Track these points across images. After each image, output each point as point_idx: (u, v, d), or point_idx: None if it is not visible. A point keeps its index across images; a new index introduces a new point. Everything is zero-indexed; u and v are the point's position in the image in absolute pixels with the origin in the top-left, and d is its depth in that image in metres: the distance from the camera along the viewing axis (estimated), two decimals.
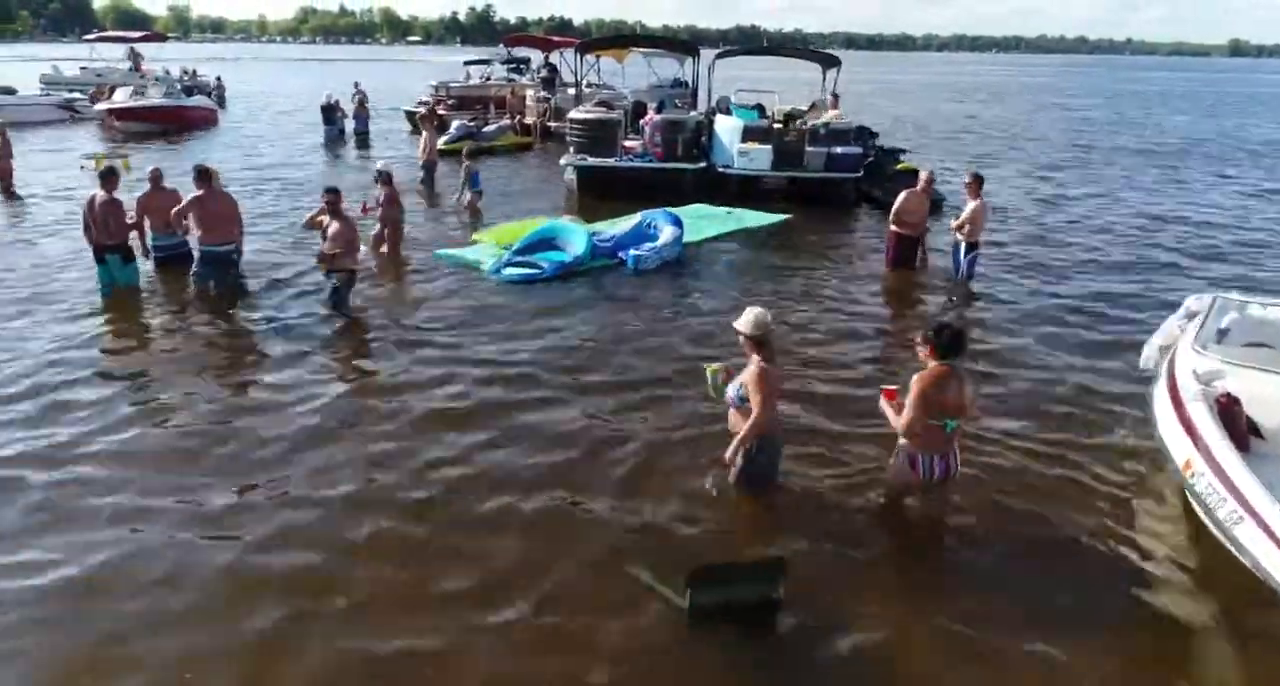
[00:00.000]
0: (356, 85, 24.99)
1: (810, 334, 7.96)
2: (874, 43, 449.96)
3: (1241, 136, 27.97)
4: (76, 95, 25.48)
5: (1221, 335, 5.06)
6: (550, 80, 23.36)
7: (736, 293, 9.17)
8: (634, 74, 25.43)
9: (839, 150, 13.72)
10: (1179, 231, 12.81)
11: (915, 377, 4.43)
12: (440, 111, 23.42)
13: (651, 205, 12.78)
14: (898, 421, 4.46)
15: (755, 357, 4.63)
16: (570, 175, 14.27)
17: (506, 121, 20.73)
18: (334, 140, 20.94)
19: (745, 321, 4.65)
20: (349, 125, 21.45)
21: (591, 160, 13.99)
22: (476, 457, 5.49)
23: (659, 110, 16.30)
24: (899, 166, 14.19)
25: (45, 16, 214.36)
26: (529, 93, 23.09)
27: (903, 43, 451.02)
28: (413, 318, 8.12)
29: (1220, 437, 3.91)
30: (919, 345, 4.51)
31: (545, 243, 9.94)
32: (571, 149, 14.47)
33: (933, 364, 4.42)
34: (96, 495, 4.95)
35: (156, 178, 9.02)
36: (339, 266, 7.70)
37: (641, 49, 24.25)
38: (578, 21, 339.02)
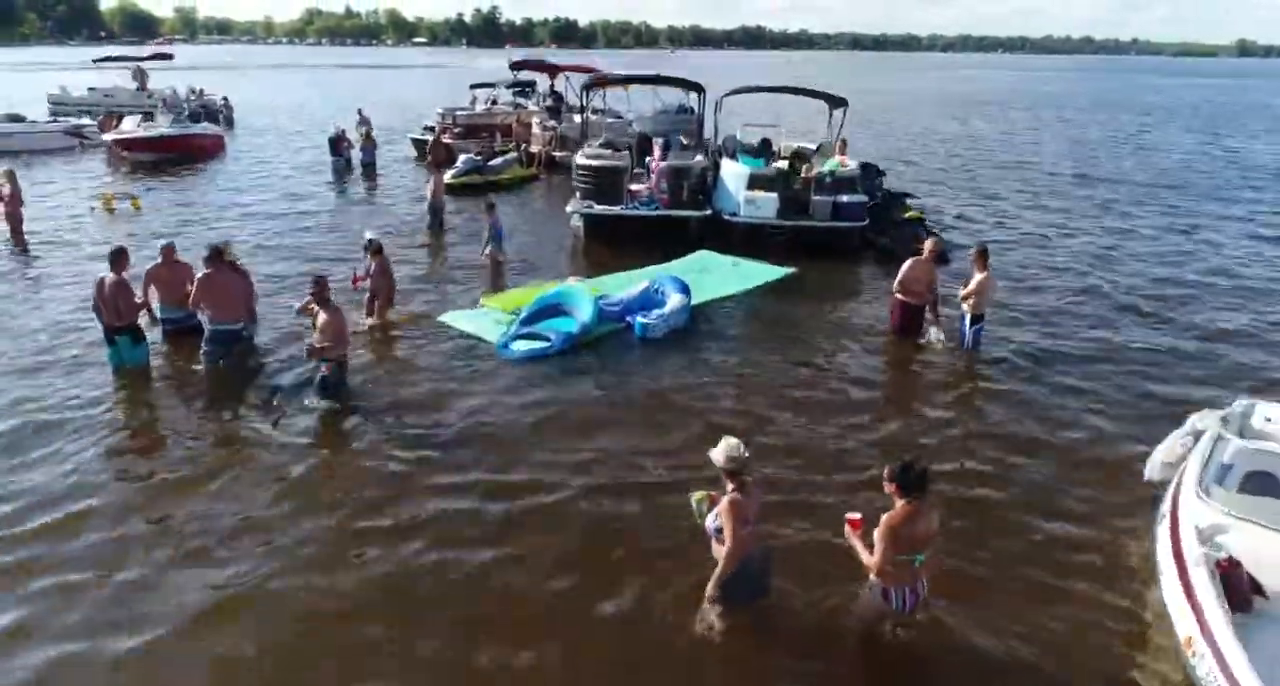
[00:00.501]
0: (360, 112, 25.08)
1: (809, 414, 8.00)
2: (879, 43, 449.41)
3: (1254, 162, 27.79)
4: (85, 121, 25.57)
5: (1224, 472, 5.08)
6: (555, 109, 23.40)
7: (739, 364, 9.24)
8: (639, 97, 25.49)
9: (845, 199, 13.73)
10: (1184, 295, 12.51)
11: (884, 517, 4.46)
12: (447, 139, 23.54)
13: (658, 253, 13.05)
14: (867, 558, 4.51)
15: (729, 486, 4.70)
16: (577, 222, 14.31)
17: (512, 154, 20.75)
18: (341, 172, 21.00)
19: (719, 454, 4.72)
20: (356, 157, 21.44)
21: (598, 208, 14.04)
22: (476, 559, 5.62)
23: (665, 148, 16.36)
24: (905, 214, 14.19)
25: (52, 18, 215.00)
26: (534, 120, 23.13)
27: (907, 43, 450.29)
28: (411, 399, 8.16)
29: (1224, 621, 3.93)
30: (885, 481, 4.53)
31: (552, 309, 9.99)
32: (578, 194, 14.51)
33: (900, 502, 4.45)
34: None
35: (169, 252, 9.08)
36: (330, 357, 7.74)
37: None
38: (583, 22, 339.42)
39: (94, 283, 8.46)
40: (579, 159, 14.78)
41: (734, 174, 14.19)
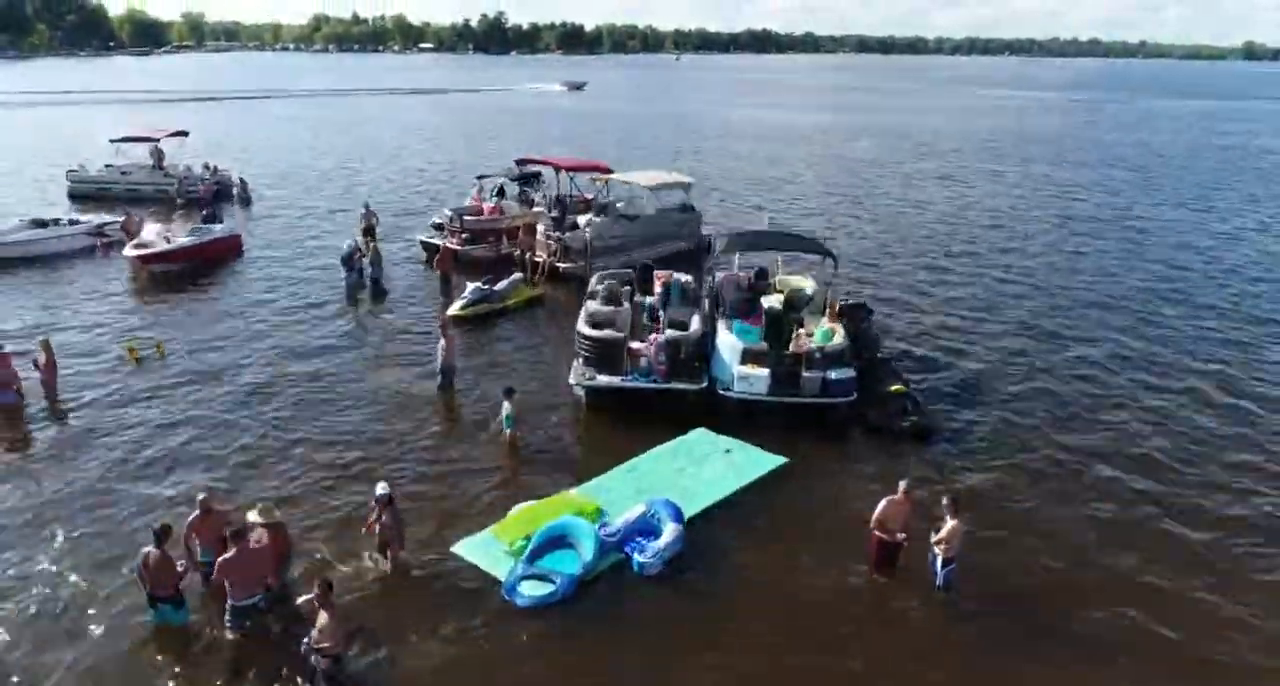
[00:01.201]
0: (367, 206, 25.87)
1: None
2: (886, 46, 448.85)
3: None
4: (106, 218, 26.45)
5: None
6: (560, 219, 24.16)
7: (726, 599, 10.05)
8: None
9: (834, 376, 14.49)
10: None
11: None
12: (454, 245, 24.40)
13: (657, 422, 13.93)
14: None
15: None
16: (579, 392, 15.09)
17: (518, 275, 21.51)
18: (353, 289, 21.81)
19: None
20: (367, 270, 22.26)
21: (600, 379, 14.83)
22: None
23: (666, 294, 17.22)
24: (892, 389, 14.90)
25: (62, 28, 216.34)
26: (540, 228, 23.89)
27: (915, 46, 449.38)
28: (422, 670, 8.92)
29: None
30: None
31: (556, 541, 10.80)
32: (580, 361, 15.31)
33: None
34: None
35: (207, 505, 9.96)
36: (328, 654, 8.41)
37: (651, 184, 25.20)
38: (589, 27, 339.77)
39: (140, 557, 9.28)
40: (581, 327, 15.56)
41: (729, 346, 14.95)
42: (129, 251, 22.56)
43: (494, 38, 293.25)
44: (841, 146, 55.94)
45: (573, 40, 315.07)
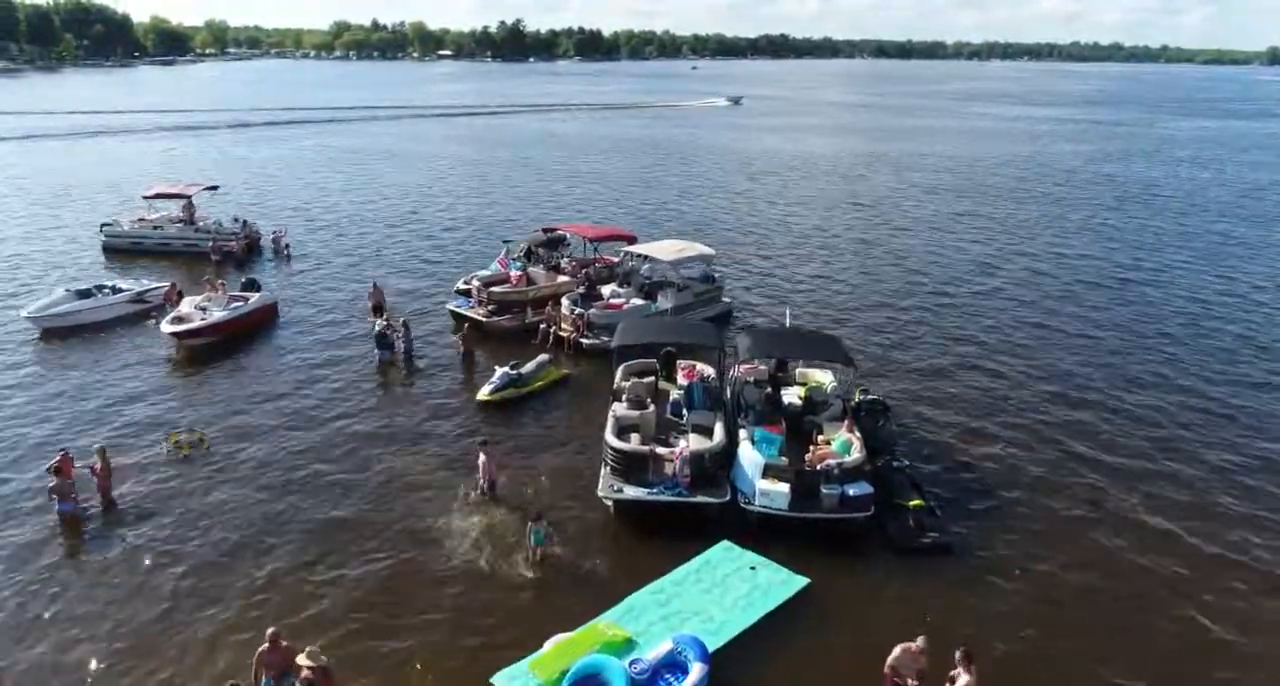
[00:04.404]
0: (375, 284, 26.66)
1: None
2: (905, 50, 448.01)
3: None
4: (147, 284, 27.34)
5: None
6: (587, 295, 24.81)
7: None
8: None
9: (852, 492, 15.06)
10: None
11: None
12: (479, 315, 25.15)
13: (682, 534, 14.55)
14: None
15: None
16: (607, 504, 15.73)
17: (545, 356, 22.14)
18: (384, 366, 22.59)
19: None
20: (399, 346, 23.00)
21: (627, 491, 15.45)
22: None
23: (690, 396, 17.84)
24: (912, 503, 15.40)
25: (89, 38, 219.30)
26: (565, 303, 24.54)
27: (934, 50, 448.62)
28: None
29: None
30: None
31: (590, 679, 11.45)
32: (607, 469, 15.96)
33: None
34: None
35: (275, 638, 10.97)
36: None
37: (672, 257, 25.78)
38: (607, 32, 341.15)
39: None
40: (609, 439, 16.20)
41: (750, 461, 15.53)
42: (166, 327, 23.39)
43: (513, 44, 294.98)
44: (851, 183, 56.25)
45: (591, 47, 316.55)
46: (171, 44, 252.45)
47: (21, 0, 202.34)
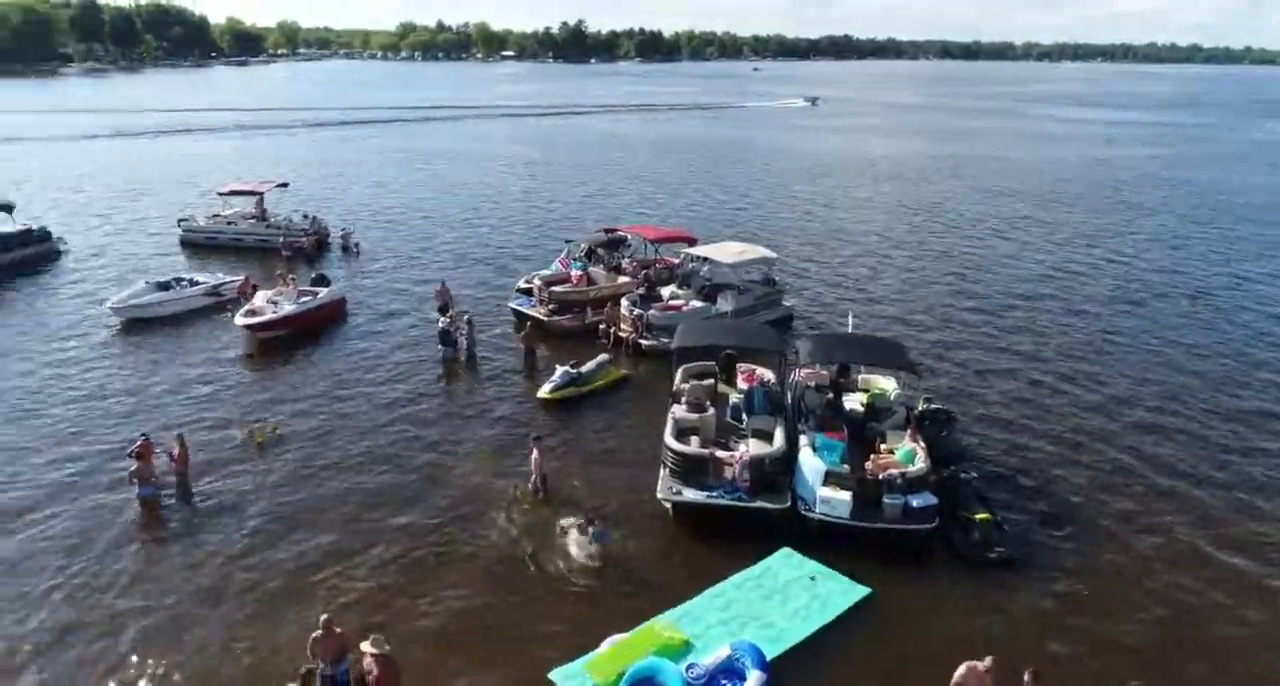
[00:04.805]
0: (443, 283, 26.96)
1: None
2: (971, 51, 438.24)
3: None
4: (223, 277, 28.25)
5: None
6: (647, 296, 24.86)
7: None
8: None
9: (915, 503, 14.79)
10: None
11: None
12: (540, 314, 25.38)
13: (741, 537, 14.48)
14: None
15: None
16: (666, 506, 15.73)
17: (605, 356, 22.24)
18: (448, 363, 22.95)
19: None
20: (463, 343, 23.34)
21: (686, 494, 15.43)
22: None
23: (750, 399, 17.74)
24: (978, 516, 15.06)
25: (168, 39, 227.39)
26: (624, 303, 24.62)
27: (1002, 51, 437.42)
28: None
29: None
30: None
31: (644, 683, 11.46)
32: (666, 471, 15.96)
33: None
34: None
35: (329, 626, 11.29)
36: None
37: (733, 260, 25.68)
38: (667, 33, 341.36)
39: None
40: (668, 438, 16.20)
41: (812, 468, 15.36)
42: (239, 320, 24.11)
43: (574, 45, 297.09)
44: (915, 186, 55.25)
45: (651, 47, 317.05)
46: (245, 45, 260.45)
47: (106, 3, 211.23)
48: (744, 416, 17.68)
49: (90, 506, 15.82)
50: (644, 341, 23.68)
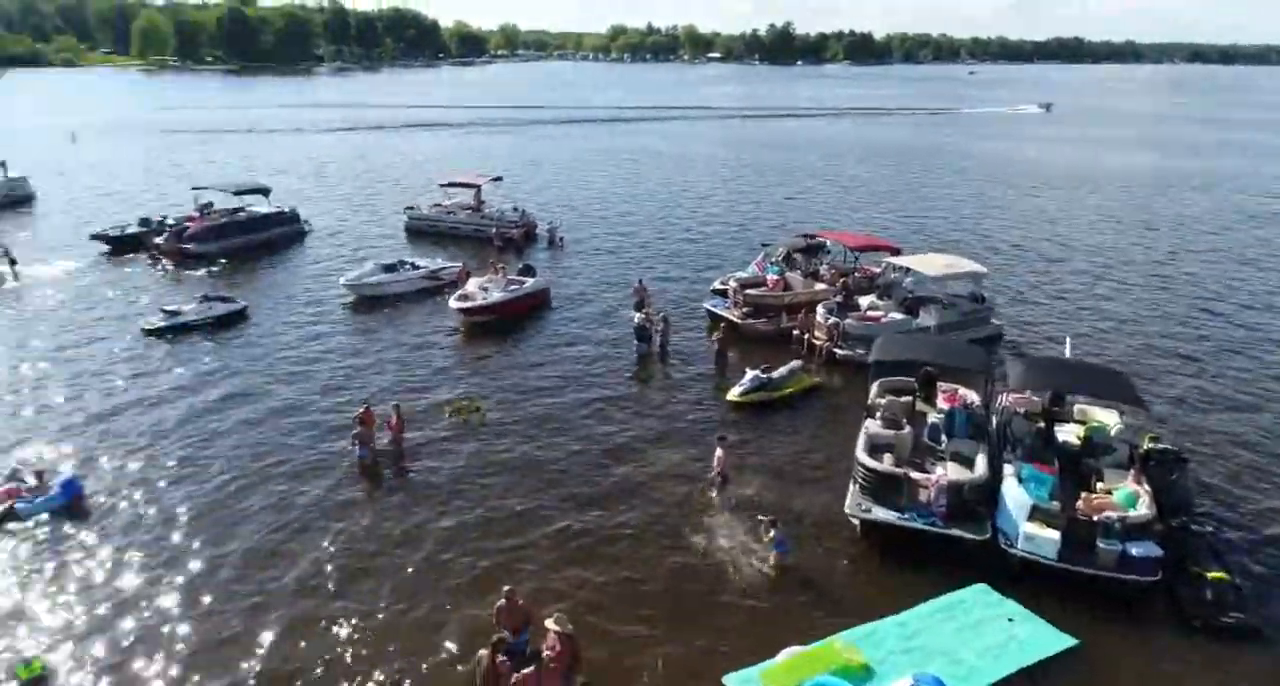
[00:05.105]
0: (640, 281, 27.41)
1: None
2: (1227, 55, 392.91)
3: None
4: (441, 263, 30.35)
5: None
6: (844, 304, 24.23)
7: None
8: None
9: (1135, 551, 13.43)
10: None
11: None
12: (734, 316, 25.36)
13: (931, 567, 13.77)
14: None
15: None
16: (854, 522, 15.23)
17: (797, 362, 21.88)
18: (643, 357, 23.44)
19: None
20: (656, 339, 23.75)
21: (877, 513, 14.87)
22: None
23: (950, 420, 16.85)
24: (1212, 574, 13.49)
25: (404, 40, 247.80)
26: (820, 310, 24.10)
27: (1264, 55, 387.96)
28: None
29: None
30: None
31: None
32: (857, 487, 15.44)
33: None
34: None
35: (511, 596, 12.01)
36: None
37: (939, 273, 24.49)
38: (879, 35, 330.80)
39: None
40: (860, 453, 15.67)
41: (1016, 500, 14.36)
42: (453, 304, 25.79)
43: (782, 48, 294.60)
44: (1150, 202, 50.07)
45: (861, 50, 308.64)
46: (470, 46, 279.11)
47: (353, 8, 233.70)
48: (943, 438, 16.80)
49: (316, 465, 17.43)
50: (839, 351, 23.09)
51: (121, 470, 17.15)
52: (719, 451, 16.59)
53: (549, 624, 11.38)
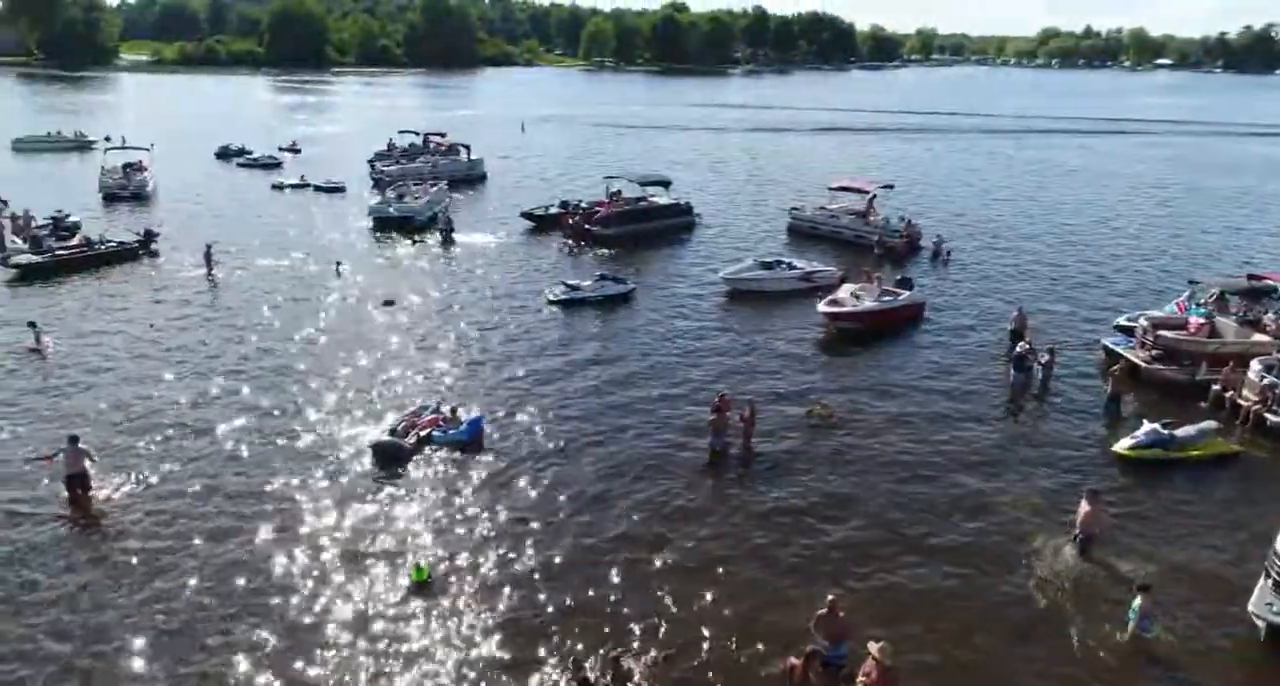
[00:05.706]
0: (1020, 308, 25.04)
1: None
2: None
3: None
4: (817, 267, 30.66)
5: None
6: None
7: None
8: None
9: None
10: None
11: None
12: (1138, 358, 22.37)
13: None
14: None
15: None
16: (1259, 623, 12.68)
17: (1212, 423, 18.61)
18: (1020, 387, 21.54)
19: None
20: (1038, 372, 21.70)
21: None
22: None
23: None
24: None
25: (817, 44, 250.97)
26: (1255, 366, 20.20)
27: None
28: None
29: None
30: None
31: None
32: (1269, 583, 12.80)
33: None
34: None
35: (833, 605, 11.89)
36: None
37: None
38: None
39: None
40: (1278, 542, 12.98)
41: None
42: (822, 307, 25.82)
43: (1254, 53, 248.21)
44: None
45: None
46: (883, 50, 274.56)
47: (773, 13, 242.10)
48: None
49: (664, 446, 18.45)
50: (1272, 416, 19.22)
51: (512, 419, 19.52)
52: (1086, 505, 14.78)
53: (872, 648, 11.00)
